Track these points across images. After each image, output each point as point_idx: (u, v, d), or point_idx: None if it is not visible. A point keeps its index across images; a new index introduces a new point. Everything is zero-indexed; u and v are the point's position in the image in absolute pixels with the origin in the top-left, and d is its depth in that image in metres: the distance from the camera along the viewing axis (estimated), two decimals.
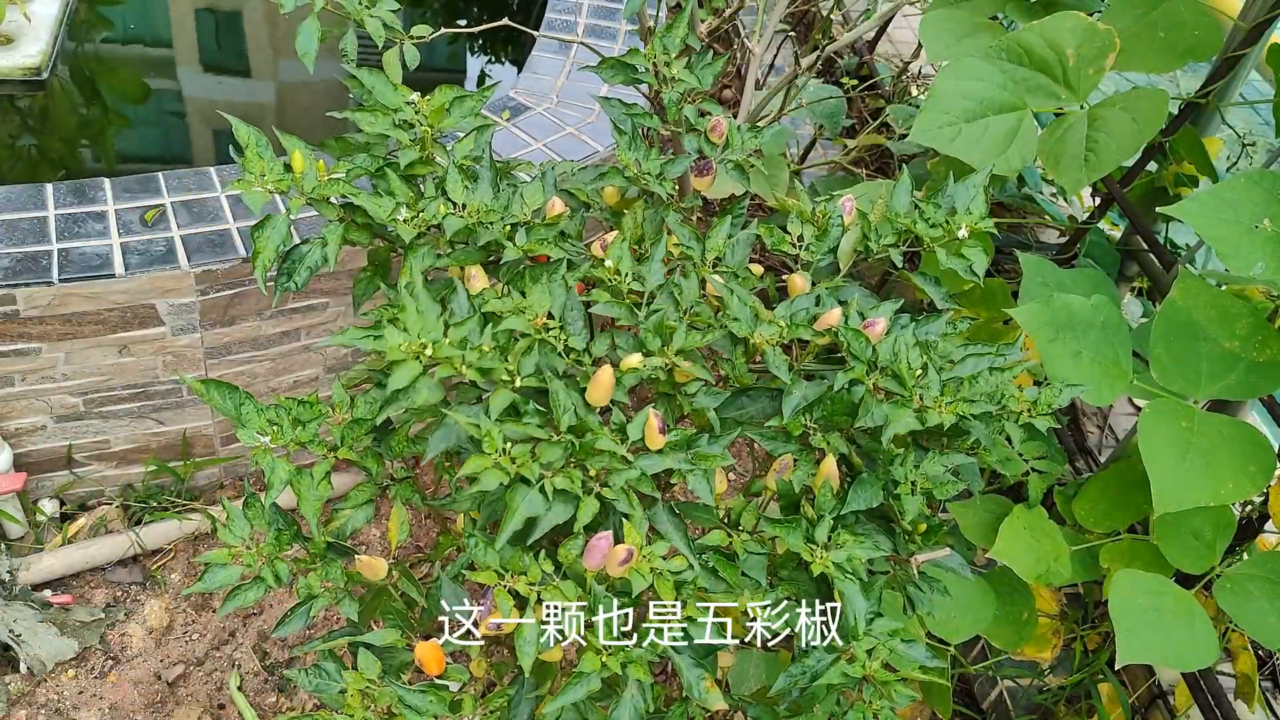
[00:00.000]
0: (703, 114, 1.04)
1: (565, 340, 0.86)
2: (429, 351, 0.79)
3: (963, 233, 0.96)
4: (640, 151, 0.98)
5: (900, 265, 0.98)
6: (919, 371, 0.86)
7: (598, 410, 0.83)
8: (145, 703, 1.57)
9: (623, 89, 1.82)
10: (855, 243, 0.98)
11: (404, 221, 0.95)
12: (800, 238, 0.98)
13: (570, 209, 1.03)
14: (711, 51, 1.09)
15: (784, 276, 0.99)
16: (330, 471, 0.91)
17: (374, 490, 0.92)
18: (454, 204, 0.96)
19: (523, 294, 0.89)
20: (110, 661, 1.60)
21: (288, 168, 1.01)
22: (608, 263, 0.90)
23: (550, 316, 0.86)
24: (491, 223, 0.95)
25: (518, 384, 0.81)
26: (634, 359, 0.85)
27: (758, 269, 0.99)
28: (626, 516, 0.79)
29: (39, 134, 2.06)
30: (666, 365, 0.85)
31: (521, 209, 0.97)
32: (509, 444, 0.77)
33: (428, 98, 1.05)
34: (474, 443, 0.78)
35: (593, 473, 0.78)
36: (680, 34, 1.05)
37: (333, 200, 1.03)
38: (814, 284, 0.96)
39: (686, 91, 1.05)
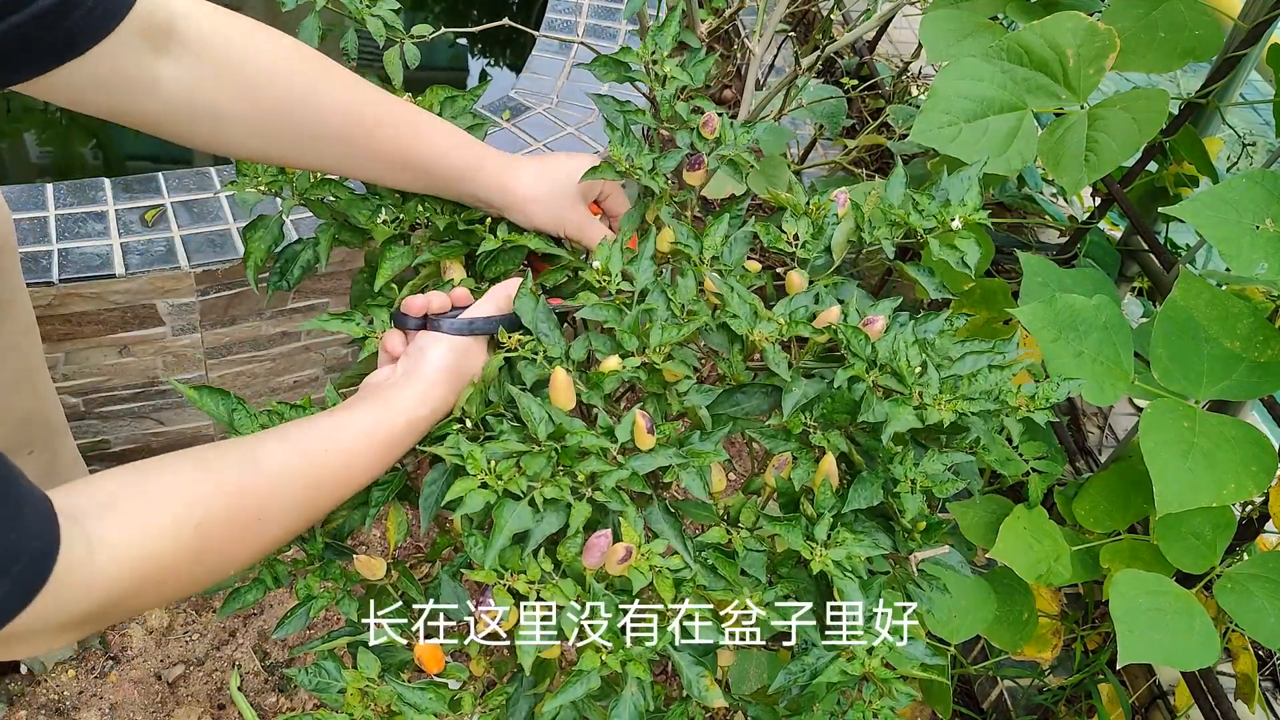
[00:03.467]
0: (695, 110, 1.04)
1: (544, 351, 0.86)
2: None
3: (956, 223, 0.96)
4: (633, 147, 0.98)
5: (893, 256, 0.98)
6: (918, 369, 0.85)
7: (582, 415, 0.82)
8: (145, 703, 1.57)
9: (624, 89, 1.82)
10: (849, 233, 0.98)
11: (382, 224, 0.96)
12: (796, 235, 0.98)
13: None
14: (705, 49, 1.08)
15: (779, 270, 0.99)
16: None
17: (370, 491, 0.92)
18: None
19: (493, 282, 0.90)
20: (110, 661, 1.60)
21: (282, 169, 1.02)
22: (595, 263, 0.90)
23: (527, 332, 0.86)
24: (475, 220, 0.96)
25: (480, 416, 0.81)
26: (612, 361, 0.84)
27: (755, 266, 0.99)
28: (622, 514, 0.78)
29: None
30: (646, 365, 0.85)
31: None
32: (493, 462, 0.77)
33: (419, 99, 1.05)
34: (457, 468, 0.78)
35: (582, 477, 0.78)
36: (672, 31, 1.05)
37: (326, 201, 1.03)
38: (811, 281, 0.96)
39: (680, 88, 1.04)
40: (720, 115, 1.02)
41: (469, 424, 0.83)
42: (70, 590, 0.62)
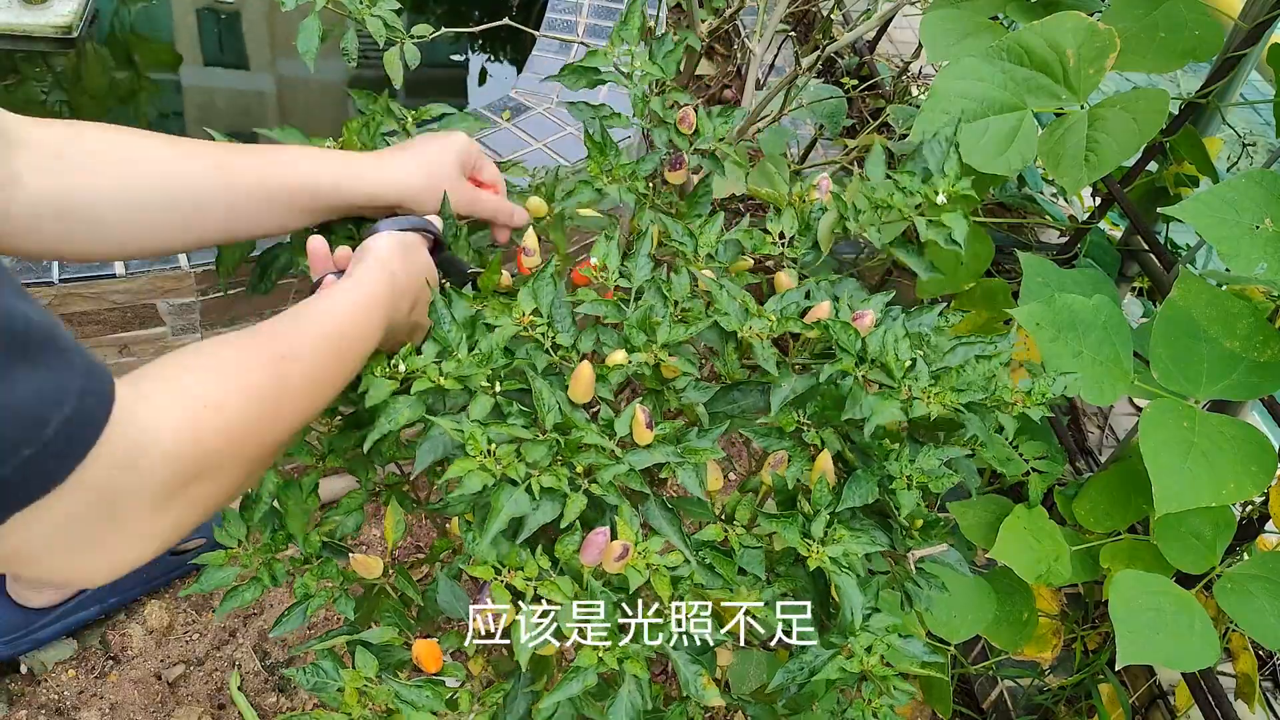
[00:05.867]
0: (672, 105, 1.02)
1: (553, 337, 0.86)
2: (402, 368, 0.80)
3: (941, 198, 0.95)
4: (613, 154, 0.97)
5: (880, 242, 0.97)
6: (908, 364, 0.85)
7: (583, 407, 0.82)
8: (145, 703, 1.57)
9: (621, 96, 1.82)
10: (833, 224, 0.97)
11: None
12: (783, 234, 0.97)
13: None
14: (670, 35, 1.06)
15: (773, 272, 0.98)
16: (318, 483, 0.91)
17: (364, 496, 0.92)
18: None
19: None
20: (110, 661, 1.60)
21: None
22: (593, 260, 0.90)
23: (537, 314, 0.86)
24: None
25: (498, 389, 0.81)
26: (618, 355, 0.84)
27: (748, 263, 0.99)
28: (617, 509, 0.78)
29: (70, 92, 2.07)
30: (652, 361, 0.85)
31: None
32: (494, 445, 0.77)
33: (413, 111, 1.05)
34: (460, 446, 0.78)
35: (580, 469, 0.78)
36: (635, 23, 1.04)
37: None
38: (803, 278, 0.96)
39: (653, 83, 1.03)
40: (697, 109, 1.01)
41: (496, 386, 0.82)
42: (136, 440, 0.62)
